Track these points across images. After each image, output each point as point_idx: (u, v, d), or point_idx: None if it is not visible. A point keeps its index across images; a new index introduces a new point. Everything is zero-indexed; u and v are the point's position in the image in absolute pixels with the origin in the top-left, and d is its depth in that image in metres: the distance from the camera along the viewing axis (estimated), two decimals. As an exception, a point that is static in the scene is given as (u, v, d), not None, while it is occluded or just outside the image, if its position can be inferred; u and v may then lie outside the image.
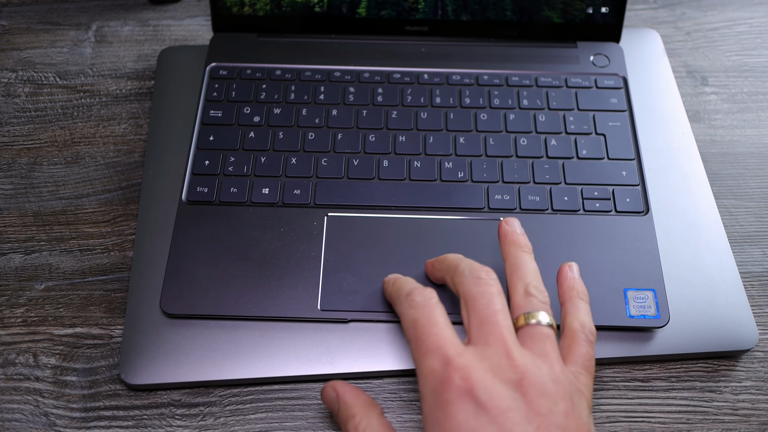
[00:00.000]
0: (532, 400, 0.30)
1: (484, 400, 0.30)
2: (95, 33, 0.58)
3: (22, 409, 0.40)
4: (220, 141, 0.48)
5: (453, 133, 0.48)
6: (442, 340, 0.32)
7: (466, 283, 0.35)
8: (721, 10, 0.61)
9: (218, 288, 0.42)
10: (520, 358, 0.32)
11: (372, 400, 0.36)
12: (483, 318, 0.33)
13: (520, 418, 0.30)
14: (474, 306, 0.34)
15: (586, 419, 0.31)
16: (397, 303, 0.37)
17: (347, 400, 0.36)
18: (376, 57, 0.52)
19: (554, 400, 0.31)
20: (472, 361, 0.31)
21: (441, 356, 0.32)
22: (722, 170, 0.51)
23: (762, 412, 0.41)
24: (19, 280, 0.45)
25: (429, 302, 0.35)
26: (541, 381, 0.31)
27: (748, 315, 0.42)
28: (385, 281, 0.40)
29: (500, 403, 0.30)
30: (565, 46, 0.53)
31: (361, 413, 0.35)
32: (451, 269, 0.37)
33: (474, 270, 0.36)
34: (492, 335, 0.33)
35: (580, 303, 0.37)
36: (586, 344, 0.35)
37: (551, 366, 0.32)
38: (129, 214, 0.48)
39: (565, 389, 0.32)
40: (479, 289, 0.34)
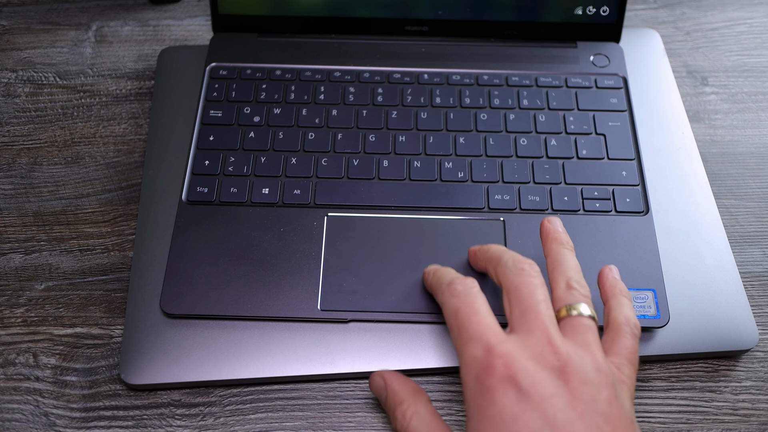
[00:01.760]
0: (575, 388, 0.30)
1: (526, 387, 0.30)
2: (95, 33, 0.58)
3: (22, 409, 0.40)
4: (220, 141, 0.48)
5: (453, 133, 0.48)
6: (484, 328, 0.33)
7: (509, 274, 0.36)
8: (721, 10, 0.61)
9: (218, 288, 0.42)
10: (562, 346, 0.32)
11: (419, 387, 0.37)
12: (526, 308, 0.34)
13: (563, 405, 0.30)
14: (517, 296, 0.34)
15: (628, 409, 0.31)
16: (438, 292, 0.37)
17: (395, 388, 0.36)
18: (376, 57, 0.52)
19: (597, 388, 0.31)
20: (514, 349, 0.32)
21: (483, 344, 0.32)
22: (722, 170, 0.51)
23: (762, 412, 0.41)
24: (19, 280, 0.45)
25: (471, 291, 0.35)
26: (584, 369, 0.31)
27: (748, 315, 0.42)
28: (425, 272, 0.41)
29: (543, 389, 0.30)
30: (565, 46, 0.53)
31: (408, 400, 0.35)
32: (495, 260, 0.37)
33: (518, 261, 0.36)
34: (534, 324, 0.33)
35: (623, 300, 0.37)
36: (630, 337, 0.35)
37: (593, 355, 0.32)
38: (129, 214, 0.48)
39: (607, 378, 0.31)
40: (522, 280, 0.35)
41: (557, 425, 0.29)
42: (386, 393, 0.37)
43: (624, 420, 0.30)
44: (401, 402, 0.35)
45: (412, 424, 0.34)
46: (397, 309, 0.41)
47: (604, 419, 0.30)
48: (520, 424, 0.30)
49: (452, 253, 0.43)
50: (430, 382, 0.41)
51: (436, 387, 0.41)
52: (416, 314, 0.41)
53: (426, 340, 0.41)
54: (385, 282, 0.42)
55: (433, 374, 0.41)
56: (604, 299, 0.38)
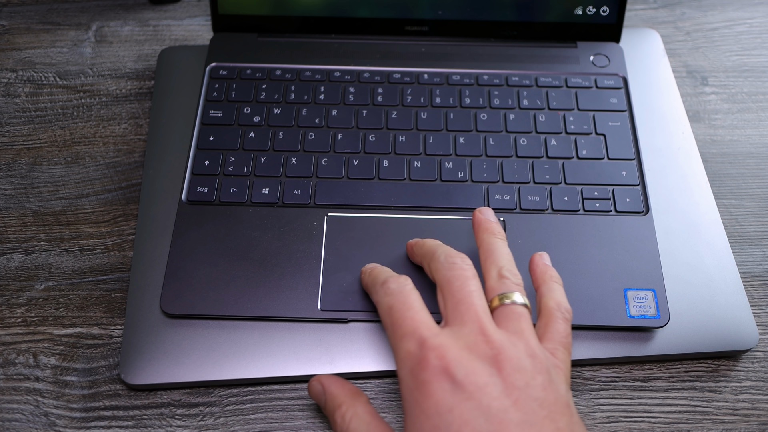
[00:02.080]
0: (509, 375, 0.31)
1: (460, 378, 0.30)
2: (95, 33, 0.58)
3: (22, 409, 0.40)
4: (220, 141, 0.48)
5: (453, 133, 0.48)
6: (417, 323, 0.33)
7: (441, 268, 0.36)
8: (721, 10, 0.61)
9: (218, 288, 0.42)
10: (495, 334, 0.32)
11: (357, 389, 0.37)
12: (458, 300, 0.34)
13: (497, 393, 0.30)
14: (449, 289, 0.35)
15: (564, 393, 0.32)
16: (372, 291, 0.38)
17: (332, 391, 0.36)
18: (376, 57, 0.52)
19: (531, 374, 0.31)
20: (447, 340, 0.32)
21: (417, 338, 0.32)
22: (722, 170, 0.51)
23: (762, 412, 0.41)
24: (19, 280, 0.45)
25: (404, 289, 0.35)
26: (517, 356, 0.31)
27: (748, 315, 0.42)
28: (362, 271, 0.41)
29: (477, 379, 0.30)
30: (565, 46, 0.53)
31: (347, 402, 0.35)
32: (428, 255, 0.38)
33: (449, 256, 0.36)
34: (467, 314, 0.33)
35: (554, 285, 0.38)
36: (562, 322, 0.36)
37: (527, 342, 0.32)
38: (129, 214, 0.48)
39: (541, 363, 0.32)
40: (454, 273, 0.35)
41: (492, 413, 0.30)
42: (325, 397, 0.37)
43: (559, 404, 0.31)
44: (340, 405, 0.35)
45: (352, 426, 0.34)
46: (397, 309, 0.41)
47: (539, 404, 0.30)
48: (455, 415, 0.30)
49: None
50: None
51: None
52: (416, 314, 0.41)
53: (426, 340, 0.41)
54: (385, 282, 0.42)
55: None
56: (536, 285, 0.38)
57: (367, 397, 0.36)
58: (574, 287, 0.42)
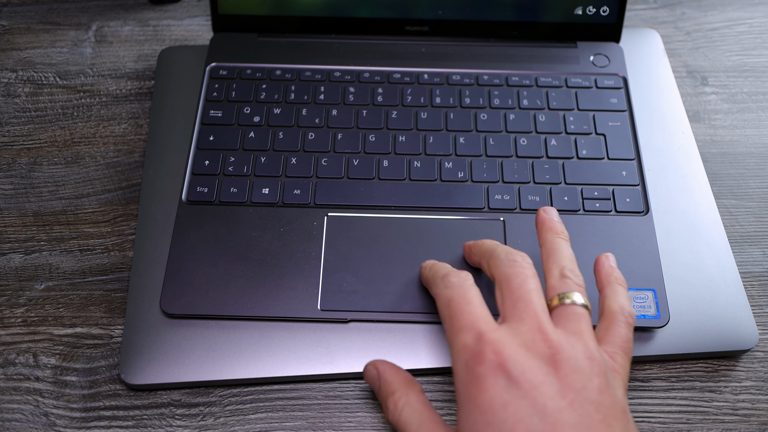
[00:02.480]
0: (565, 375, 0.30)
1: (516, 375, 0.30)
2: (95, 33, 0.58)
3: (22, 409, 0.40)
4: (220, 141, 0.48)
5: (453, 133, 0.48)
6: (475, 317, 0.33)
7: (501, 265, 0.36)
8: (721, 10, 0.61)
9: (218, 288, 0.42)
10: (552, 334, 0.32)
11: (412, 377, 0.37)
12: (517, 297, 0.34)
13: (552, 393, 0.30)
14: (508, 286, 0.34)
15: (620, 398, 0.31)
16: (433, 285, 0.37)
17: (387, 378, 0.36)
18: (376, 57, 0.52)
19: (588, 376, 0.31)
20: (504, 337, 0.32)
21: (474, 332, 0.32)
22: (722, 170, 0.51)
23: (762, 412, 0.41)
24: (19, 280, 0.45)
25: (465, 283, 0.35)
26: (575, 357, 0.31)
27: (748, 315, 0.42)
28: (422, 266, 0.41)
29: (533, 377, 0.30)
30: (565, 46, 0.53)
31: (400, 390, 0.35)
32: (487, 254, 0.38)
33: (510, 254, 0.36)
34: (525, 312, 0.33)
35: (618, 288, 0.37)
36: (624, 326, 0.35)
37: (585, 343, 0.32)
38: (129, 214, 0.48)
39: (599, 366, 0.31)
40: (513, 270, 0.35)
41: (547, 413, 0.29)
42: (379, 383, 0.37)
43: (615, 408, 0.30)
44: (393, 392, 0.35)
45: (404, 415, 0.34)
46: (397, 309, 0.41)
47: (595, 407, 0.30)
48: (509, 412, 0.30)
49: (452, 253, 0.43)
50: (429, 382, 0.41)
51: (436, 387, 0.41)
52: (416, 314, 0.41)
53: (425, 340, 0.41)
54: (385, 282, 0.42)
55: (432, 374, 0.41)
56: (600, 287, 0.38)
57: (420, 387, 0.36)
58: (574, 287, 0.42)
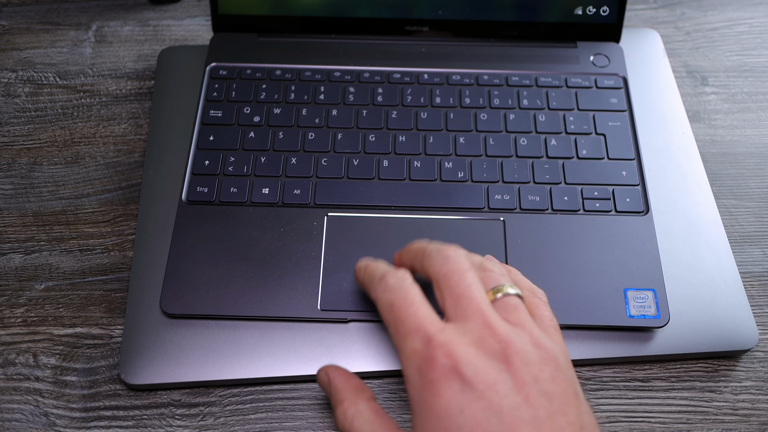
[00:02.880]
0: (518, 370, 0.30)
1: (469, 376, 0.30)
2: (95, 33, 0.58)
3: (22, 409, 0.40)
4: (220, 141, 0.48)
5: (453, 133, 0.48)
6: (421, 319, 0.32)
7: (435, 264, 0.35)
8: (721, 10, 0.61)
9: (218, 288, 0.42)
10: (500, 327, 0.31)
11: (362, 384, 0.36)
12: (458, 294, 0.33)
13: (507, 390, 0.30)
14: (447, 284, 0.34)
15: (571, 379, 0.31)
16: (370, 288, 0.36)
17: (337, 385, 0.35)
18: (376, 57, 0.52)
19: (539, 366, 0.31)
20: (453, 337, 0.31)
21: (422, 335, 0.31)
22: (722, 170, 0.51)
23: (762, 412, 0.41)
24: (19, 280, 0.45)
25: (404, 284, 0.34)
26: (524, 349, 0.31)
27: (748, 315, 0.42)
28: (356, 268, 0.39)
29: (486, 377, 0.30)
30: (565, 46, 0.53)
31: (349, 399, 0.34)
32: (419, 255, 0.36)
33: (441, 250, 0.35)
34: (469, 309, 0.32)
35: (518, 276, 0.37)
36: (544, 306, 0.35)
37: (530, 332, 0.32)
38: (129, 214, 0.48)
39: (547, 352, 0.31)
40: (449, 267, 0.34)
41: (503, 412, 0.29)
42: (330, 389, 0.36)
43: (567, 394, 0.30)
44: (342, 401, 0.34)
45: (355, 424, 0.33)
46: (397, 309, 0.41)
47: (548, 399, 0.30)
48: (466, 416, 0.29)
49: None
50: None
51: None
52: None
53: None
54: (385, 282, 0.42)
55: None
56: None
57: (371, 393, 0.35)
58: (574, 287, 0.42)
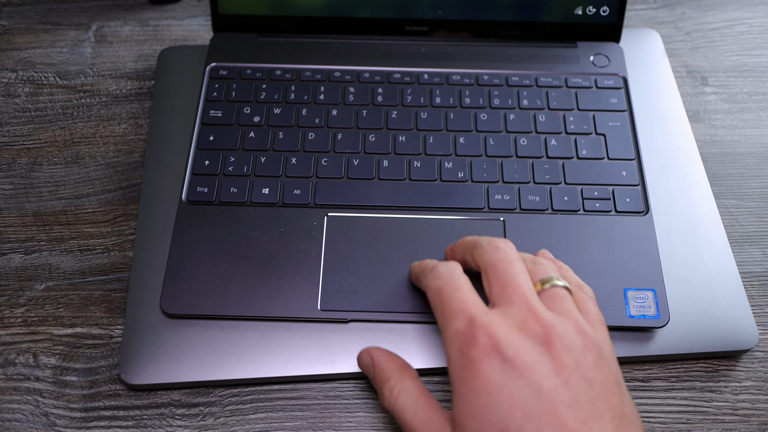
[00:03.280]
0: (559, 354, 0.30)
1: (510, 356, 0.30)
2: (95, 33, 0.58)
3: (22, 409, 0.40)
4: (220, 141, 0.48)
5: (453, 133, 0.48)
6: (466, 303, 0.33)
7: (485, 254, 0.36)
8: (721, 10, 0.61)
9: (218, 288, 0.42)
10: (543, 313, 0.32)
11: (406, 363, 0.37)
12: (504, 281, 0.34)
13: (547, 372, 0.30)
14: (494, 272, 0.34)
15: (615, 370, 0.31)
16: (422, 278, 0.38)
17: (382, 364, 0.36)
18: (376, 57, 0.52)
19: (581, 352, 0.31)
20: (496, 319, 0.32)
21: (465, 317, 0.32)
22: (722, 170, 0.51)
23: (762, 412, 0.41)
24: (19, 280, 0.45)
25: (453, 272, 0.35)
26: (567, 335, 0.31)
27: (748, 315, 0.42)
28: (411, 267, 0.41)
29: (527, 357, 0.30)
30: (565, 46, 0.53)
31: (395, 376, 0.35)
32: (470, 246, 0.38)
33: (492, 241, 0.36)
34: (514, 295, 0.33)
35: (567, 272, 0.38)
36: (590, 301, 0.36)
37: (575, 320, 0.32)
38: (129, 214, 0.48)
39: (591, 341, 0.31)
40: (498, 257, 0.35)
41: (542, 393, 0.29)
42: (374, 370, 0.37)
43: (610, 383, 0.30)
44: (388, 378, 0.35)
45: (400, 401, 0.34)
46: (398, 309, 0.41)
47: (589, 384, 0.30)
48: (505, 394, 0.30)
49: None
50: (430, 382, 0.41)
51: (437, 387, 0.41)
52: (416, 314, 0.41)
53: (425, 341, 0.41)
54: (385, 282, 0.42)
55: (433, 374, 0.41)
56: None
57: (416, 372, 0.36)
58: (574, 287, 0.42)
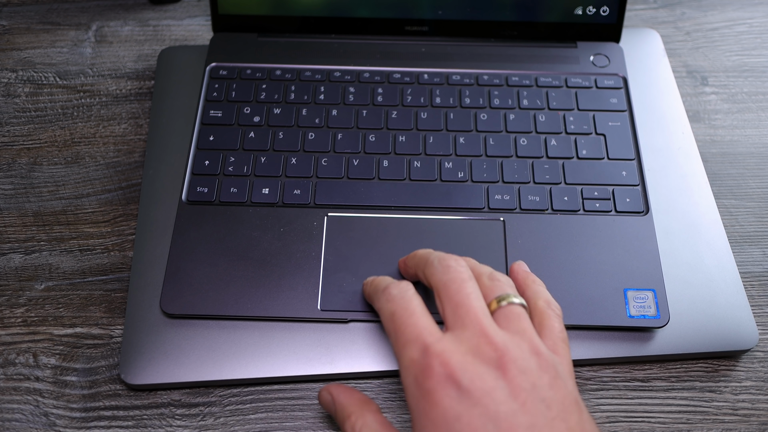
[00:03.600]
0: (514, 377, 0.30)
1: (466, 384, 0.30)
2: (95, 33, 0.58)
3: (22, 409, 0.40)
4: (220, 141, 0.48)
5: (453, 133, 0.48)
6: (419, 329, 0.33)
7: (436, 273, 0.35)
8: (721, 10, 0.61)
9: (218, 288, 0.42)
10: (497, 336, 0.32)
11: (366, 398, 0.36)
12: (456, 303, 0.33)
13: (504, 397, 0.30)
14: (446, 293, 0.34)
15: (572, 389, 0.31)
16: (374, 299, 0.37)
17: (342, 401, 0.36)
18: (376, 57, 0.52)
19: (537, 374, 0.31)
20: (450, 346, 0.31)
21: (420, 345, 0.32)
22: (722, 170, 0.51)
23: (762, 412, 0.41)
24: (19, 280, 0.45)
25: (405, 294, 0.35)
26: (522, 356, 0.31)
27: (748, 315, 0.42)
28: (364, 284, 0.41)
29: (482, 384, 0.30)
30: (565, 46, 0.53)
31: (356, 412, 0.35)
32: (422, 263, 0.37)
33: (443, 259, 0.36)
34: (467, 317, 0.33)
35: (539, 287, 0.37)
36: (556, 318, 0.35)
37: (530, 341, 0.32)
38: (129, 214, 0.48)
39: (546, 361, 0.31)
40: (449, 276, 0.35)
41: (500, 418, 0.29)
42: (335, 407, 0.36)
43: (568, 401, 0.30)
44: (349, 415, 0.35)
45: None
46: (397, 309, 0.41)
47: (547, 405, 0.30)
48: (463, 423, 0.29)
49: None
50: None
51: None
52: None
53: (426, 340, 0.41)
54: (385, 282, 0.42)
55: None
56: (521, 290, 0.38)
57: (376, 406, 0.36)
58: (574, 287, 0.42)
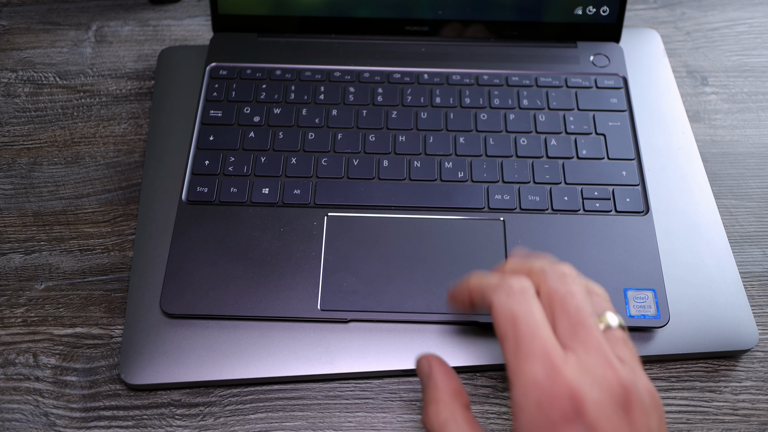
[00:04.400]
0: (636, 419, 0.29)
1: (592, 422, 0.28)
2: (95, 33, 0.58)
3: (22, 409, 0.40)
4: (220, 141, 0.48)
5: (453, 133, 0.48)
6: (545, 344, 0.29)
7: (550, 280, 0.32)
8: (721, 10, 0.61)
9: (218, 288, 0.42)
10: (621, 370, 0.30)
11: (462, 389, 0.33)
12: (576, 321, 0.30)
13: None
14: (563, 306, 0.31)
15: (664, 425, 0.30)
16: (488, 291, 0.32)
17: (437, 383, 0.33)
18: (376, 57, 0.52)
19: (650, 414, 0.29)
20: (578, 374, 0.29)
21: (547, 364, 0.29)
22: (722, 170, 0.51)
23: (762, 412, 0.41)
24: (19, 280, 0.45)
25: (527, 292, 0.31)
26: (641, 396, 0.29)
27: (748, 315, 0.42)
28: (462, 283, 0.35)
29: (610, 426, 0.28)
30: (565, 46, 0.53)
31: (445, 400, 0.32)
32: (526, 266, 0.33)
33: (555, 266, 0.32)
34: (589, 341, 0.30)
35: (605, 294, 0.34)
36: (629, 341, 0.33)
37: (641, 377, 0.30)
38: (129, 214, 0.48)
39: (654, 399, 0.30)
40: (567, 288, 0.31)
41: None
42: (428, 382, 0.33)
43: None
44: (438, 401, 0.32)
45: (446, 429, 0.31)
46: (397, 309, 0.41)
47: None
48: None
49: (452, 253, 0.43)
50: (430, 382, 0.41)
51: (436, 387, 0.41)
52: (416, 314, 0.41)
53: (426, 340, 0.41)
54: (385, 282, 0.42)
55: (433, 374, 0.41)
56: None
57: (468, 400, 0.33)
58: (574, 287, 0.42)
